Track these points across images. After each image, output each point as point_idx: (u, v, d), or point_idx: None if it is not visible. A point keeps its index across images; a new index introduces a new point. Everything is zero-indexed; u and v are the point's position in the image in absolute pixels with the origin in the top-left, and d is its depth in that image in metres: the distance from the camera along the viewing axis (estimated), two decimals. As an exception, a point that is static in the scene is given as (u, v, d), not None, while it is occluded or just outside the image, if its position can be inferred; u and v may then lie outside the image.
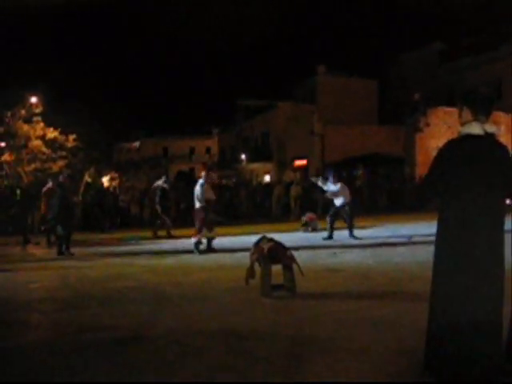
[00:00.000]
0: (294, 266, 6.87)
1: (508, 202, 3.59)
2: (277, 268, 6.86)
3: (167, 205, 17.25)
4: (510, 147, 3.62)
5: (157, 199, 16.26)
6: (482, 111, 3.48)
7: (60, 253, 11.98)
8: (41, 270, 9.95)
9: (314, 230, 16.25)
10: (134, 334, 5.25)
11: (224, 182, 38.06)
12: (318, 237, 14.43)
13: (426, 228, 15.66)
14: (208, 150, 58.66)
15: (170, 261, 10.81)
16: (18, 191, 18.32)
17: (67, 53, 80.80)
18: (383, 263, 9.31)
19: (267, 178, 40.01)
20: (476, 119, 3.46)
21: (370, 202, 25.41)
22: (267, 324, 5.50)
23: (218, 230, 12.93)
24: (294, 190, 22.95)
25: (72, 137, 33.62)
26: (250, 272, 6.91)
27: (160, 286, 7.76)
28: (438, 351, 3.51)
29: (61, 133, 33.11)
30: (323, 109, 36.31)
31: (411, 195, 4.50)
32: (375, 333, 5.07)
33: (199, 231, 11.93)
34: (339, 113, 36.76)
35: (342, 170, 30.18)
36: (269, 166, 40.02)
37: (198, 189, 12.14)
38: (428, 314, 3.67)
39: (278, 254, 6.77)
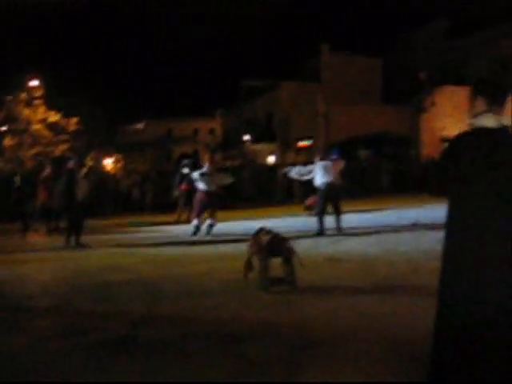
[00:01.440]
0: (294, 258, 6.62)
1: None
2: (277, 260, 6.62)
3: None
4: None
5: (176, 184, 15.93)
6: (497, 101, 3.18)
7: (68, 241, 11.28)
8: (37, 262, 9.72)
9: (317, 214, 16.00)
10: (124, 335, 5.02)
11: (228, 164, 37.87)
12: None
13: (431, 211, 15.45)
14: (212, 131, 58.17)
15: (169, 250, 10.58)
16: (18, 177, 18.07)
17: (68, 35, 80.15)
18: (388, 252, 9.04)
19: (271, 159, 39.69)
20: (490, 110, 3.15)
21: (374, 184, 25.11)
22: (265, 323, 5.26)
23: (220, 214, 12.88)
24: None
25: (74, 120, 33.34)
26: (248, 266, 6.67)
27: (157, 280, 7.53)
28: (447, 352, 3.27)
29: (62, 116, 32.83)
30: (328, 88, 35.85)
31: (426, 186, 4.26)
32: (378, 332, 4.82)
33: (198, 215, 12.01)
34: (344, 92, 36.24)
35: (345, 151, 30.00)
36: (273, 146, 39.65)
37: (196, 176, 12.13)
38: (436, 314, 3.41)
39: (276, 246, 6.50)
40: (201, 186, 12.20)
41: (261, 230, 6.79)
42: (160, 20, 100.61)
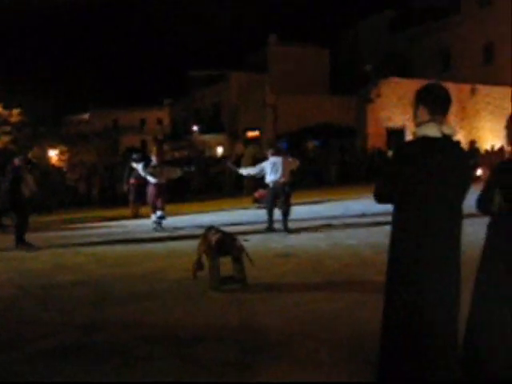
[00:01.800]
0: (244, 256, 6.64)
1: None
2: (227, 258, 6.64)
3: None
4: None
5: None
6: (439, 110, 3.25)
7: (18, 241, 10.71)
8: None
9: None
10: (71, 342, 4.92)
11: (176, 155, 37.57)
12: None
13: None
14: (159, 121, 57.52)
15: (117, 248, 10.38)
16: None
17: (9, 25, 77.51)
18: (336, 246, 9.19)
19: (220, 150, 39.56)
20: (433, 119, 3.23)
21: (323, 175, 25.38)
22: (216, 324, 5.26)
23: (168, 207, 12.87)
24: (246, 164, 22.61)
25: (16, 111, 32.43)
26: (198, 265, 6.65)
27: (105, 280, 7.40)
28: (394, 353, 3.36)
29: (4, 107, 31.88)
30: (275, 79, 35.91)
31: (374, 194, 4.26)
32: (327, 331, 4.90)
33: (157, 208, 12.23)
34: (291, 82, 36.40)
35: (293, 141, 30.18)
36: (221, 137, 39.53)
37: (143, 170, 12.14)
38: (382, 315, 3.48)
39: (226, 245, 6.50)
40: (151, 179, 12.30)
41: (210, 229, 6.77)
42: (108, 9, 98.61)
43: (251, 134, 35.65)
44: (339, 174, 25.45)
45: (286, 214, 11.17)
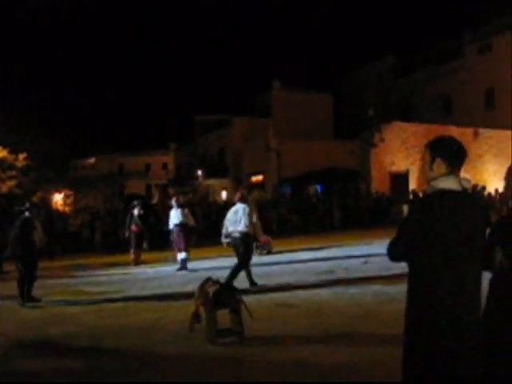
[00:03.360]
0: (242, 309, 6.49)
1: None
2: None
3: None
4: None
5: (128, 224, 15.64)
6: (458, 164, 3.22)
7: (23, 296, 9.75)
8: None
9: (270, 252, 16.03)
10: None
11: (180, 199, 37.58)
12: (273, 259, 14.31)
13: (381, 248, 15.61)
14: (164, 165, 57.88)
15: (115, 296, 10.25)
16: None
17: (17, 72, 78.95)
18: (337, 295, 9.01)
19: (224, 195, 39.60)
20: (452, 172, 3.18)
21: (325, 220, 25.27)
22: (210, 381, 5.10)
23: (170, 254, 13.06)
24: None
25: (22, 155, 32.68)
26: (195, 317, 6.50)
27: (99, 333, 7.24)
28: None
29: (10, 152, 32.14)
30: (279, 124, 36.18)
31: (389, 251, 4.06)
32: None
33: (183, 249, 13.29)
34: (295, 127, 36.64)
35: (297, 186, 30.19)
36: (225, 182, 39.64)
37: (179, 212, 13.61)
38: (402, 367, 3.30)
39: (224, 297, 6.37)
40: (176, 220, 13.49)
41: (207, 281, 6.65)
42: (114, 52, 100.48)
43: (255, 178, 35.73)
44: (342, 218, 25.33)
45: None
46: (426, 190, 3.33)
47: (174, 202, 14.30)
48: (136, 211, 15.46)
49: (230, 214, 10.29)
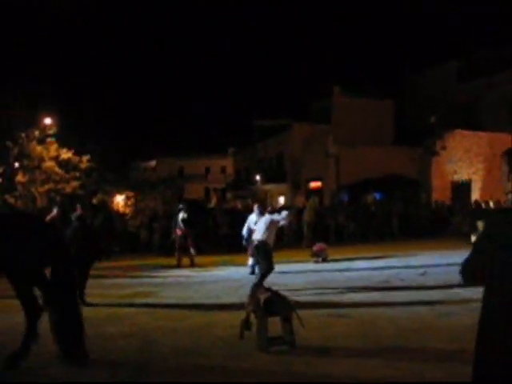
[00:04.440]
0: (294, 317, 6.41)
1: None
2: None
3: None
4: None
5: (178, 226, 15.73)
6: None
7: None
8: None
9: (325, 260, 15.82)
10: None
11: (238, 204, 37.73)
12: (327, 267, 14.16)
13: (440, 259, 15.20)
14: (223, 169, 58.41)
15: (169, 298, 10.36)
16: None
17: (81, 74, 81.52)
18: (392, 307, 8.79)
19: (282, 200, 39.55)
20: None
21: (384, 228, 24.83)
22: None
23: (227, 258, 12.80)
24: (307, 215, 22.34)
25: (86, 157, 33.61)
26: (245, 325, 6.46)
27: (151, 334, 7.31)
28: None
29: (75, 153, 33.09)
30: (339, 129, 35.86)
31: (462, 269, 3.80)
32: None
33: None
34: (355, 134, 36.21)
35: (355, 193, 29.81)
36: (283, 187, 39.59)
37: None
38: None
39: (275, 305, 6.31)
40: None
41: (259, 288, 6.60)
42: (174, 57, 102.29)
43: (313, 184, 35.54)
44: (401, 227, 24.83)
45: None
46: (506, 201, 3.11)
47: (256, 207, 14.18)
48: (181, 215, 15.58)
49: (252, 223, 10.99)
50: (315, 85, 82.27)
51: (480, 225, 16.01)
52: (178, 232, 15.50)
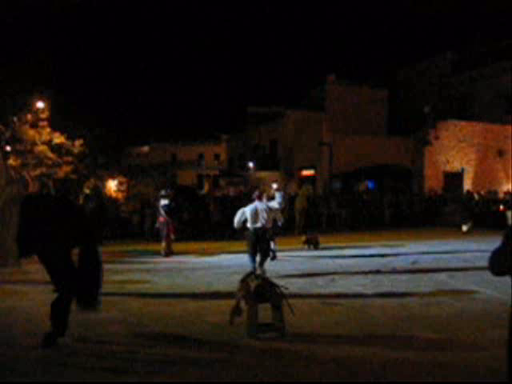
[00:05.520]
0: (284, 304, 6.43)
1: None
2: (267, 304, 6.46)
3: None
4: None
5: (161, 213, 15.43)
6: None
7: None
8: (35, 294, 9.37)
9: (316, 247, 15.90)
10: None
11: (231, 190, 37.71)
12: (319, 255, 14.22)
13: (431, 248, 15.30)
14: (216, 156, 58.29)
15: (160, 284, 10.37)
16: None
17: (75, 57, 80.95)
18: (383, 295, 8.84)
19: (275, 187, 39.50)
20: None
21: (376, 217, 24.91)
22: (248, 375, 5.07)
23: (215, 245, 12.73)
24: (299, 203, 22.31)
25: (79, 142, 33.44)
26: (236, 311, 6.48)
27: (142, 318, 7.33)
28: None
29: (67, 138, 32.91)
30: (332, 118, 35.80)
31: (491, 259, 3.78)
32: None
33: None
34: (348, 122, 36.17)
35: (348, 181, 29.86)
36: (276, 174, 39.54)
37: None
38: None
39: (265, 292, 6.33)
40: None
41: (249, 275, 6.62)
42: (169, 46, 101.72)
43: (306, 172, 35.52)
44: (393, 216, 24.91)
45: (265, 257, 10.95)
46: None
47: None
48: (162, 202, 15.12)
49: (249, 212, 10.63)
50: (310, 73, 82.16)
51: (510, 215, 16.13)
52: (161, 219, 15.19)
